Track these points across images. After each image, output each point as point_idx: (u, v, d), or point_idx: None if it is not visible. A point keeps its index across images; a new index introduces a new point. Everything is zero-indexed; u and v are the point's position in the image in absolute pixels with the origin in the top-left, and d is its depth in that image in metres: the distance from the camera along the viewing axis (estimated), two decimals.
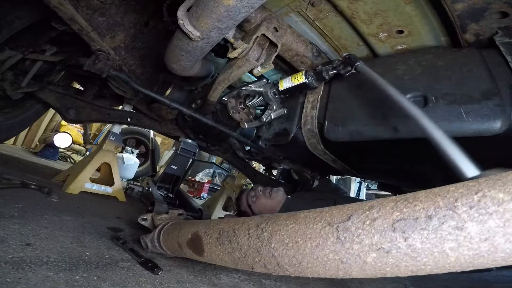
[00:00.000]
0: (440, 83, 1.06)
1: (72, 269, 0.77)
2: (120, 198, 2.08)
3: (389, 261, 0.48)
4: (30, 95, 1.76)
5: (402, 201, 0.51)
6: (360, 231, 0.51)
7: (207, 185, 5.21)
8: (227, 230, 0.78)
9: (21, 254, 0.76)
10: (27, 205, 1.19)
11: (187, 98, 1.80)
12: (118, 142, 2.14)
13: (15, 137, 4.62)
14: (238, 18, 0.86)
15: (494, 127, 0.93)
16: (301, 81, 1.29)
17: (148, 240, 1.05)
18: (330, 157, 1.59)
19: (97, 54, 1.35)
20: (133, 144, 4.59)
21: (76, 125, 5.22)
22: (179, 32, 1.04)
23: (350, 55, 1.13)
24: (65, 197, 1.62)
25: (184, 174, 2.87)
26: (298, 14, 1.23)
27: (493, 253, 0.41)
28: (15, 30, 1.38)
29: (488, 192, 0.42)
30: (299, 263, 0.60)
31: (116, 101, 2.11)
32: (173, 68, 1.29)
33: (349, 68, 1.13)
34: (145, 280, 0.84)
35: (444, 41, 1.14)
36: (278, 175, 3.05)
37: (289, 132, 1.54)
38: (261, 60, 1.18)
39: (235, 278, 1.05)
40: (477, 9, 0.92)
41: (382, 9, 1.06)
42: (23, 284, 0.63)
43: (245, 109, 1.57)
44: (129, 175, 3.93)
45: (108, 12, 1.25)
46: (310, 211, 0.64)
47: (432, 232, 0.44)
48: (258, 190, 1.66)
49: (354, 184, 5.79)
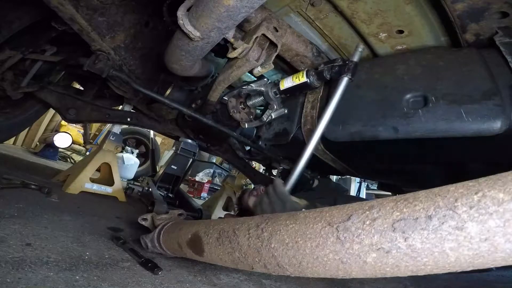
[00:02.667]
0: (440, 83, 1.06)
1: (72, 269, 0.77)
2: (120, 198, 2.08)
3: (389, 261, 0.48)
4: (30, 95, 1.76)
5: (402, 201, 0.51)
6: (360, 231, 0.51)
7: (207, 185, 5.21)
8: (227, 230, 0.78)
9: (21, 254, 0.76)
10: (27, 205, 1.19)
11: (187, 98, 1.80)
12: (118, 142, 2.14)
13: (15, 137, 4.62)
14: (238, 18, 0.86)
15: (494, 127, 0.93)
16: (302, 81, 1.29)
17: (148, 240, 1.05)
18: (330, 157, 1.59)
19: (97, 54, 1.35)
20: (133, 144, 4.59)
21: (76, 125, 5.23)
22: (179, 32, 1.04)
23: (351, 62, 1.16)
24: (65, 197, 1.63)
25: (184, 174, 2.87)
26: (298, 14, 1.23)
27: (493, 253, 0.41)
28: (15, 30, 1.38)
29: (488, 192, 0.42)
30: (299, 263, 0.60)
31: (116, 101, 2.11)
32: (173, 68, 1.29)
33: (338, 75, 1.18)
34: (145, 280, 0.84)
35: (444, 41, 1.14)
36: (278, 175, 3.05)
37: (289, 132, 1.54)
38: (261, 60, 1.18)
39: (235, 278, 1.05)
40: (477, 9, 0.92)
41: (382, 9, 1.06)
42: (23, 284, 0.63)
43: (246, 108, 1.57)
44: (129, 175, 3.93)
45: (108, 12, 1.25)
46: (310, 211, 0.64)
47: (432, 232, 0.44)
48: (260, 190, 1.67)
49: (354, 184, 5.80)
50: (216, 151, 2.39)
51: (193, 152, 2.81)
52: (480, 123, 0.95)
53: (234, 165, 2.68)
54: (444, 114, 1.02)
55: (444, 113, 1.02)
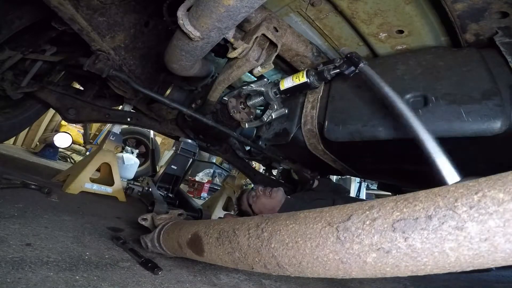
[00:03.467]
0: (440, 83, 1.06)
1: (72, 269, 0.77)
2: (120, 198, 2.08)
3: (389, 261, 0.48)
4: (30, 95, 1.76)
5: (402, 201, 0.51)
6: (360, 231, 0.51)
7: (207, 185, 5.21)
8: (227, 230, 0.78)
9: (21, 254, 0.76)
10: (27, 205, 1.19)
11: (187, 98, 1.80)
12: (118, 142, 2.14)
13: (15, 137, 4.62)
14: (238, 18, 0.86)
15: (494, 127, 0.93)
16: (302, 81, 1.29)
17: (148, 240, 1.05)
18: (330, 157, 1.59)
19: (97, 54, 1.35)
20: (133, 144, 4.59)
21: (76, 125, 5.22)
22: (179, 32, 1.04)
23: (352, 53, 1.12)
24: (65, 197, 1.63)
25: (184, 174, 2.87)
26: (298, 14, 1.23)
27: (493, 253, 0.41)
28: (15, 30, 1.38)
29: (488, 192, 0.42)
30: (299, 263, 0.60)
31: (116, 101, 2.11)
32: (173, 68, 1.29)
33: (353, 69, 1.12)
34: (145, 280, 0.84)
35: (444, 41, 1.14)
36: (278, 175, 3.05)
37: (289, 132, 1.54)
38: (261, 60, 1.18)
39: (235, 278, 1.05)
40: (477, 9, 0.92)
41: (382, 9, 1.06)
42: (23, 284, 0.63)
43: (246, 108, 1.57)
44: (129, 175, 3.93)
45: (108, 12, 1.25)
46: (310, 211, 0.64)
47: (432, 232, 0.44)
48: (259, 190, 1.68)
49: (354, 184, 5.80)
50: (216, 151, 2.39)
51: (193, 152, 2.81)
52: (480, 123, 0.95)
53: (234, 165, 2.68)
54: (444, 114, 1.02)
55: (444, 113, 1.02)
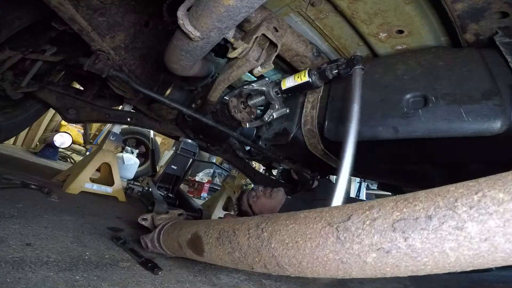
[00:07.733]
0: (440, 83, 1.06)
1: (72, 269, 0.77)
2: (120, 198, 2.08)
3: (389, 261, 0.48)
4: (30, 95, 1.76)
5: (402, 201, 0.51)
6: (360, 231, 0.51)
7: (207, 185, 5.21)
8: (227, 230, 0.78)
9: (21, 254, 0.76)
10: (27, 205, 1.19)
11: (187, 98, 1.80)
12: (118, 142, 2.13)
13: (15, 137, 4.62)
14: (238, 18, 0.86)
15: (494, 127, 0.93)
16: (304, 80, 1.29)
17: (148, 240, 1.05)
18: (330, 157, 1.59)
19: (97, 54, 1.35)
20: (133, 144, 4.59)
21: (76, 125, 5.22)
22: (179, 32, 1.04)
23: (356, 56, 1.13)
24: (65, 197, 1.62)
25: (184, 174, 2.87)
26: (298, 14, 1.23)
27: (493, 253, 0.41)
28: (15, 30, 1.38)
29: (488, 192, 0.42)
30: (299, 263, 0.60)
31: (116, 101, 2.11)
32: (173, 68, 1.29)
33: (348, 70, 1.13)
34: (145, 280, 0.83)
35: (444, 41, 1.14)
36: (278, 175, 3.05)
37: (289, 132, 1.54)
38: (261, 60, 1.18)
39: (235, 278, 1.05)
40: (477, 9, 0.92)
41: (382, 9, 1.06)
42: (23, 284, 0.63)
43: (247, 108, 1.57)
44: (129, 175, 3.93)
45: (108, 12, 1.25)
46: (310, 211, 0.64)
47: (432, 232, 0.44)
48: (259, 190, 1.68)
49: (354, 184, 5.79)
50: (216, 151, 2.39)
51: (193, 152, 2.80)
52: (480, 123, 0.95)
53: (234, 165, 2.68)
54: (444, 114, 1.02)
55: (444, 113, 1.02)
